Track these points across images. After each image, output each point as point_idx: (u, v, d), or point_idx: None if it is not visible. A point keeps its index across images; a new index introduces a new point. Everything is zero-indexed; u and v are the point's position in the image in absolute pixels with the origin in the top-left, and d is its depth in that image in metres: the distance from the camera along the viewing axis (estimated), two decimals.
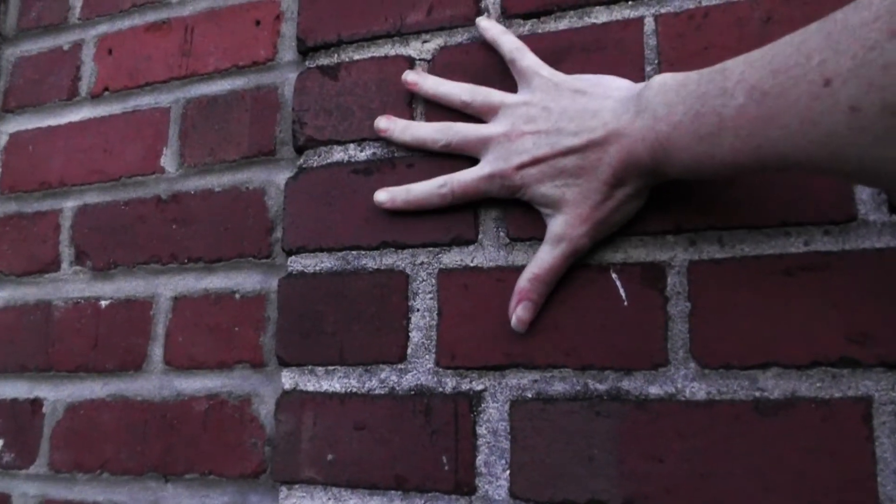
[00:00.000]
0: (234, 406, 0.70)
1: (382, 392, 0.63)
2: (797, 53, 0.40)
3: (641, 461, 0.55)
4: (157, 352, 0.75)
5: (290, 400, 0.66)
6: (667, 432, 0.55)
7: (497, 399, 0.60)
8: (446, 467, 0.60)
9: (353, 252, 0.66)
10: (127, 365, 0.76)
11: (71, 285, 0.81)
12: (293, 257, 0.68)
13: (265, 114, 0.74)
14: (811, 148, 0.40)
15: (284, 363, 0.66)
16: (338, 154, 0.69)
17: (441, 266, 0.63)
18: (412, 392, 0.62)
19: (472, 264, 0.62)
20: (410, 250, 0.64)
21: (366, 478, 0.62)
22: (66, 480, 0.77)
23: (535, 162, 0.54)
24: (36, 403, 0.81)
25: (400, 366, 0.63)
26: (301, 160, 0.70)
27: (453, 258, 0.63)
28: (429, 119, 0.66)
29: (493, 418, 0.60)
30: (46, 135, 0.87)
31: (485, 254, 0.62)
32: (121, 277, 0.79)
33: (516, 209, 0.61)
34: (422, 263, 0.64)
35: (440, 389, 0.61)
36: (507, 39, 0.61)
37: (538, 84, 0.57)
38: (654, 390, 0.56)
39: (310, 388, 0.65)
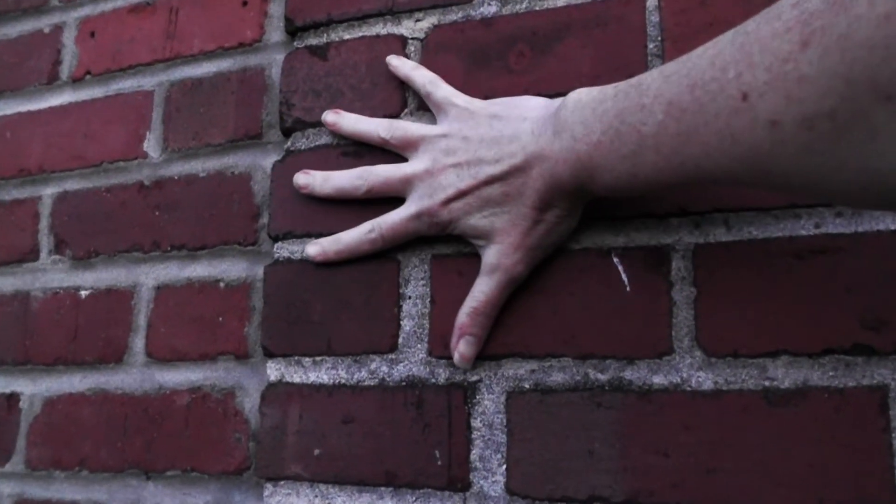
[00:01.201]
0: (218, 399, 0.67)
1: (372, 384, 0.60)
2: (712, 67, 0.40)
3: (645, 455, 0.53)
4: (138, 343, 0.72)
5: (276, 392, 0.63)
6: (672, 424, 0.52)
7: (493, 390, 0.57)
8: (439, 462, 0.57)
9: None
10: (107, 357, 0.73)
11: (50, 275, 0.78)
12: (280, 243, 0.65)
13: (252, 96, 0.71)
14: (734, 164, 0.40)
15: (270, 354, 0.64)
16: (326, 136, 0.66)
17: (434, 252, 0.61)
18: (403, 383, 0.59)
19: (465, 251, 0.60)
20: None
21: (354, 473, 0.59)
22: (44, 479, 0.74)
23: (461, 195, 0.53)
24: (12, 398, 0.77)
25: (391, 356, 0.60)
26: (289, 143, 0.68)
27: (447, 244, 0.60)
28: (422, 103, 0.63)
29: (489, 410, 0.57)
30: (25, 120, 0.84)
31: None
32: (101, 266, 0.76)
33: None
34: (413, 250, 0.61)
35: (433, 380, 0.59)
36: (418, 74, 0.60)
37: (455, 114, 0.56)
38: (659, 380, 0.53)
39: (296, 379, 0.62)
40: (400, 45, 0.65)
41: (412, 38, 0.65)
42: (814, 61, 0.34)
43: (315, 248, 0.61)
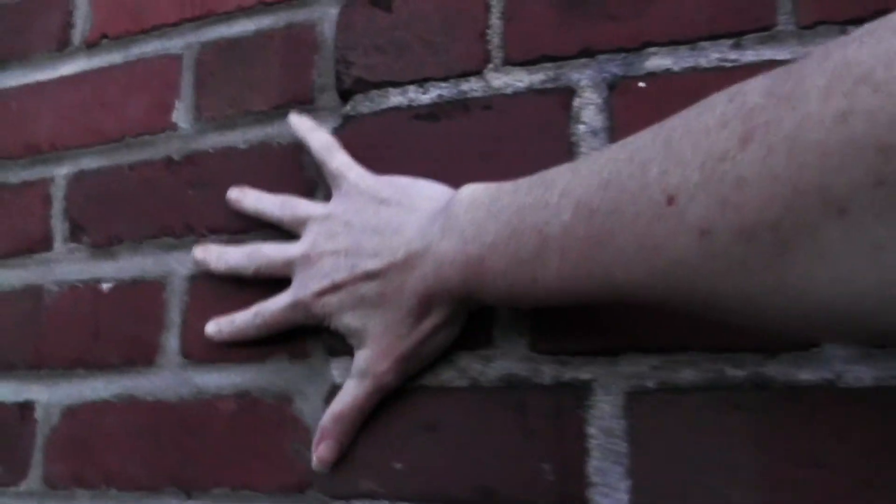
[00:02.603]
0: (270, 406, 0.57)
1: (462, 384, 0.51)
2: (630, 163, 0.35)
3: (793, 467, 0.45)
4: (171, 342, 0.62)
5: None
6: (824, 429, 0.45)
7: (609, 391, 0.49)
8: (549, 476, 0.48)
9: None
10: (135, 359, 0.64)
11: (65, 266, 0.69)
12: None
13: (300, 56, 0.62)
14: (653, 277, 0.35)
15: (334, 351, 0.55)
16: (395, 98, 0.57)
17: None
18: (501, 384, 0.50)
19: None
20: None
21: (442, 489, 0.51)
22: (65, 498, 0.64)
23: (335, 288, 0.49)
24: (26, 407, 0.68)
25: (484, 351, 0.51)
26: (347, 107, 0.58)
27: None
28: (509, 55, 0.54)
29: (606, 414, 0.48)
30: (33, 92, 0.74)
31: None
32: (126, 255, 0.66)
33: None
34: None
35: (537, 380, 0.50)
36: (315, 137, 0.55)
37: (344, 190, 0.52)
38: (806, 376, 0.45)
39: None
40: None
41: None
42: (756, 162, 0.29)
43: (213, 327, 0.58)
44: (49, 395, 0.67)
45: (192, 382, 0.61)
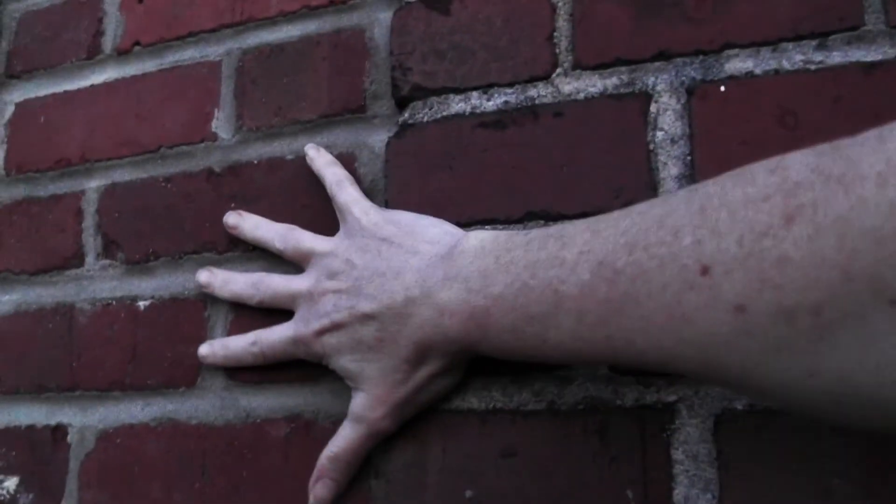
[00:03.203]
0: (326, 429, 0.54)
1: (538, 407, 0.48)
2: (660, 228, 0.34)
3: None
4: None
5: (409, 420, 0.50)
6: None
7: (695, 413, 0.46)
8: None
9: (488, 227, 0.51)
10: (176, 380, 0.60)
11: (99, 284, 0.65)
12: None
13: (350, 63, 0.59)
14: (680, 347, 0.33)
15: None
16: (457, 105, 0.54)
17: None
18: (580, 406, 0.47)
19: None
20: (567, 222, 0.49)
21: None
22: None
23: (335, 327, 0.48)
24: (58, 431, 0.64)
25: (561, 372, 0.48)
26: (405, 115, 0.55)
27: None
28: (579, 59, 0.51)
29: (692, 439, 0.45)
30: (62, 102, 0.71)
31: None
32: (163, 271, 0.63)
33: (707, 159, 0.47)
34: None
35: (618, 402, 0.47)
36: (330, 172, 0.55)
37: (349, 226, 0.51)
38: None
39: (435, 404, 0.50)
40: None
41: None
42: (801, 243, 0.28)
43: (205, 349, 0.57)
44: (83, 419, 0.64)
45: (239, 405, 0.58)
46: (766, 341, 0.30)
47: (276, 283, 0.54)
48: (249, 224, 0.57)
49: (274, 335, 0.53)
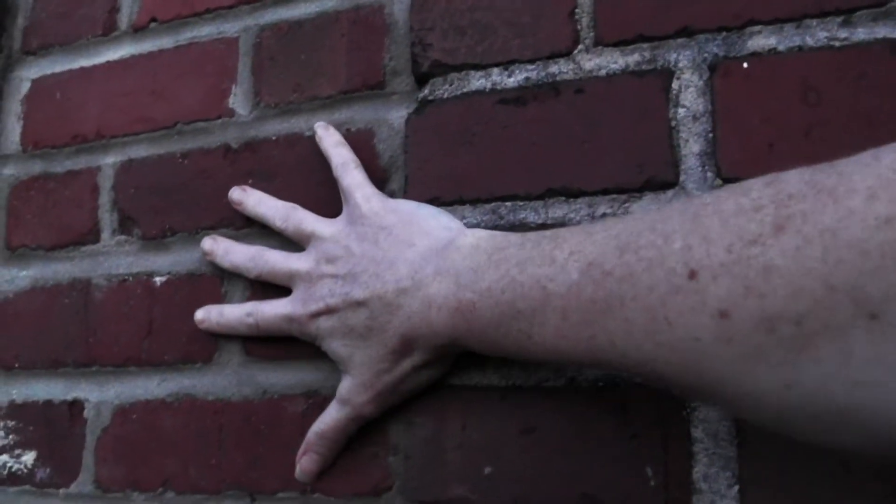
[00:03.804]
0: None
1: (558, 384, 0.48)
2: (652, 231, 0.34)
3: None
4: (232, 339, 0.59)
5: (429, 397, 0.50)
6: None
7: None
8: (653, 482, 0.45)
9: (508, 203, 0.51)
10: (192, 356, 0.61)
11: (114, 259, 0.65)
12: None
13: (369, 39, 0.59)
14: (660, 351, 0.33)
15: None
16: (477, 81, 0.54)
17: None
18: (600, 383, 0.47)
19: None
20: (587, 199, 0.49)
21: (539, 496, 0.48)
22: (118, 501, 0.61)
23: (329, 311, 0.49)
24: (75, 406, 0.64)
25: None
26: (425, 91, 0.55)
27: (647, 207, 0.48)
28: (601, 36, 0.51)
29: (712, 417, 0.46)
30: (78, 78, 0.71)
31: None
32: (180, 247, 0.63)
33: (729, 136, 0.46)
34: (604, 215, 0.49)
35: (638, 379, 0.46)
36: (336, 153, 0.55)
37: (351, 211, 0.51)
38: None
39: (455, 381, 0.50)
40: None
41: None
42: (788, 252, 0.29)
43: (201, 314, 0.58)
44: (99, 394, 0.64)
45: (256, 381, 0.58)
46: (746, 349, 0.30)
47: (274, 260, 0.54)
48: (253, 200, 0.57)
49: (269, 310, 0.53)
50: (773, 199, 0.30)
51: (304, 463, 0.53)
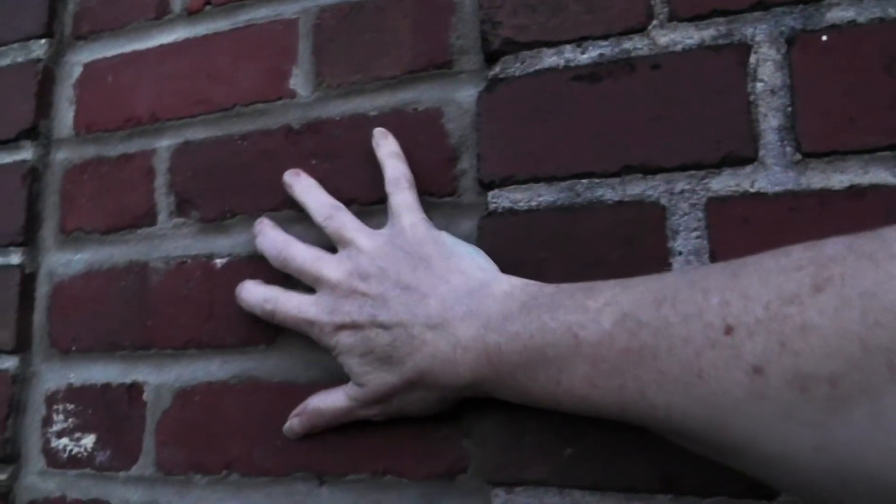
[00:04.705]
0: None
1: None
2: (691, 287, 0.34)
3: None
4: None
5: None
6: None
7: None
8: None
9: (584, 181, 0.51)
10: (255, 338, 0.60)
11: (172, 242, 0.65)
12: (496, 191, 0.53)
13: (434, 17, 0.58)
14: (690, 405, 0.33)
15: None
16: (549, 58, 0.53)
17: (710, 194, 0.48)
18: None
19: (752, 190, 0.47)
20: (665, 175, 0.48)
21: (621, 478, 0.47)
22: (180, 484, 0.61)
23: (353, 328, 0.48)
24: (134, 389, 0.64)
25: None
26: (496, 69, 0.54)
27: (726, 183, 0.48)
28: (675, 10, 0.51)
29: None
30: (131, 62, 0.71)
31: (768, 176, 0.47)
32: (240, 229, 0.62)
33: (809, 110, 0.46)
34: (682, 192, 0.48)
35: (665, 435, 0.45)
36: (391, 164, 0.54)
37: (394, 232, 0.51)
38: None
39: None
40: None
41: None
42: (826, 312, 0.29)
43: (239, 286, 0.58)
44: (158, 377, 0.64)
45: (322, 363, 0.58)
46: (778, 407, 0.30)
47: (302, 258, 0.53)
48: (301, 186, 0.57)
49: (292, 305, 0.52)
50: (814, 261, 0.30)
51: (295, 424, 0.55)
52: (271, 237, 0.56)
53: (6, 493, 0.67)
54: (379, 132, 0.56)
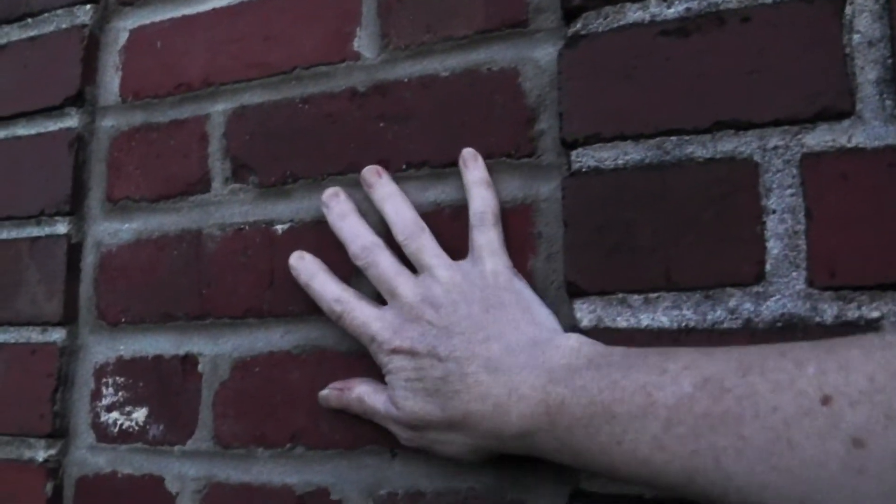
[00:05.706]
0: None
1: (735, 325, 0.46)
2: (781, 357, 0.33)
3: None
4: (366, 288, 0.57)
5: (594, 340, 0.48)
6: None
7: None
8: None
9: (674, 138, 0.49)
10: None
11: (227, 208, 0.63)
12: (580, 150, 0.51)
13: None
14: (772, 476, 0.31)
15: (579, 292, 0.49)
16: (634, 13, 0.51)
17: (805, 150, 0.46)
18: (778, 324, 0.45)
19: (849, 145, 0.46)
20: (758, 131, 0.47)
21: None
22: (241, 458, 0.59)
23: (410, 353, 0.47)
24: (188, 360, 0.63)
25: (756, 288, 0.46)
26: (577, 26, 0.53)
27: (821, 138, 0.46)
28: None
29: None
30: (180, 27, 0.69)
31: (867, 130, 0.45)
32: (302, 194, 0.61)
33: None
34: (776, 148, 0.47)
35: (817, 319, 0.45)
36: (478, 194, 0.52)
37: (474, 269, 0.50)
38: None
39: (622, 324, 0.48)
40: None
41: None
42: None
43: (296, 259, 0.57)
44: (214, 348, 0.62)
45: None
46: (879, 484, 0.28)
47: (384, 267, 0.52)
48: (382, 192, 0.55)
49: (362, 313, 0.52)
50: None
51: (332, 397, 0.55)
52: (356, 230, 0.54)
53: (55, 469, 0.65)
54: (468, 153, 0.53)
